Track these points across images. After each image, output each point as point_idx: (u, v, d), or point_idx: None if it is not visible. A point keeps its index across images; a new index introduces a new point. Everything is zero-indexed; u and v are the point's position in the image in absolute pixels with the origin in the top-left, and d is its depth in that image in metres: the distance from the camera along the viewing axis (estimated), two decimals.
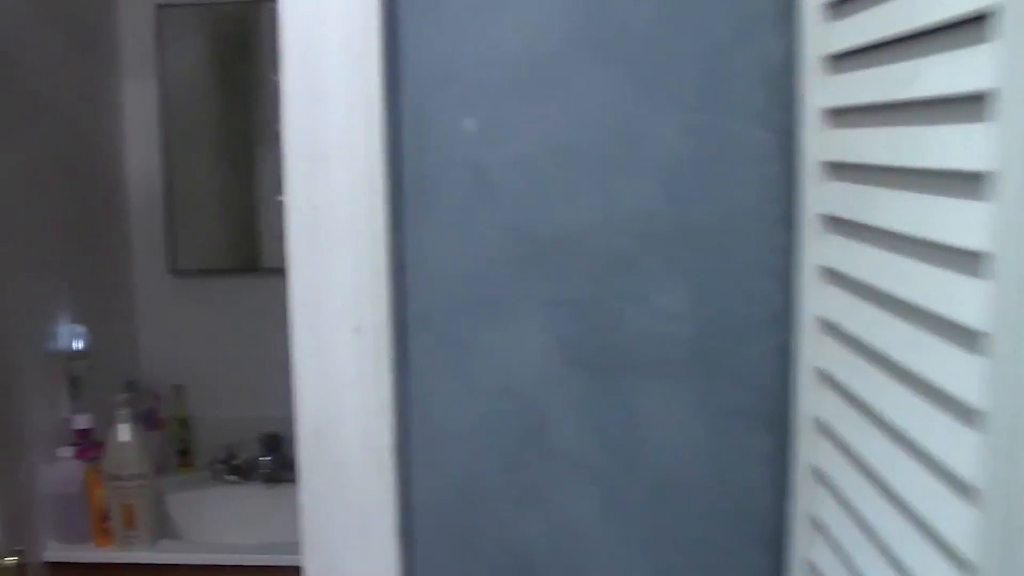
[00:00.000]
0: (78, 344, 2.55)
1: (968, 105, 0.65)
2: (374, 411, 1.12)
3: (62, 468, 2.42)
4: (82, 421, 2.48)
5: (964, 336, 0.67)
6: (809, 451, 1.03)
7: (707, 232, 1.09)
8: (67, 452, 2.43)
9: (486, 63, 1.10)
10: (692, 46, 1.07)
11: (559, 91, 1.10)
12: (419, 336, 1.15)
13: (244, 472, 2.78)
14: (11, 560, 1.89)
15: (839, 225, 0.95)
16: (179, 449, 2.86)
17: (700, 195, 1.09)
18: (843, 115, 0.92)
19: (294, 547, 1.19)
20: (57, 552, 2.41)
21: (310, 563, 1.18)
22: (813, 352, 1.02)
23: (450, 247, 1.13)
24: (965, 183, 0.66)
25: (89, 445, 2.45)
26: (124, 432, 2.39)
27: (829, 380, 0.97)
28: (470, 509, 1.18)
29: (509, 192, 1.12)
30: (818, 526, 1.00)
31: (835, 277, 0.96)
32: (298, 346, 1.15)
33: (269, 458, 2.74)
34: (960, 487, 0.67)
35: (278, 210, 2.75)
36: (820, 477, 1.00)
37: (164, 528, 2.51)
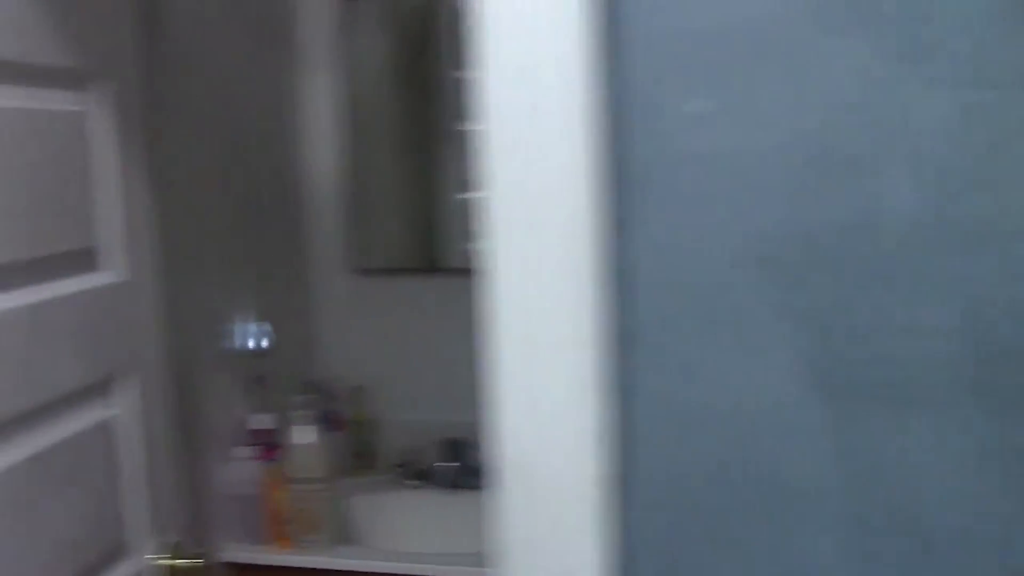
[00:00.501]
0: (260, 343, 2.50)
1: None
2: (585, 437, 0.98)
3: (240, 469, 2.38)
4: (261, 421, 2.43)
5: None
6: None
7: (983, 234, 0.91)
8: (245, 452, 2.39)
9: (722, 32, 0.94)
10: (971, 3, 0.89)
11: (808, 65, 0.93)
12: (636, 353, 1.00)
13: (425, 477, 2.69)
14: (196, 562, 1.85)
15: None
16: (358, 451, 2.79)
17: (975, 189, 0.91)
18: None
19: (477, 558, 1.07)
20: (235, 553, 2.36)
21: None
22: None
23: (675, 250, 0.97)
24: None
25: (268, 446, 2.40)
26: (304, 434, 2.32)
27: None
28: (694, 551, 1.02)
29: (746, 186, 0.96)
30: None
31: None
32: (500, 362, 1.01)
33: (454, 464, 2.64)
34: None
35: (458, 210, 2.68)
36: None
37: (342, 532, 2.44)
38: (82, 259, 1.72)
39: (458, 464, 2.65)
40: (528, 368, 0.99)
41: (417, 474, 2.70)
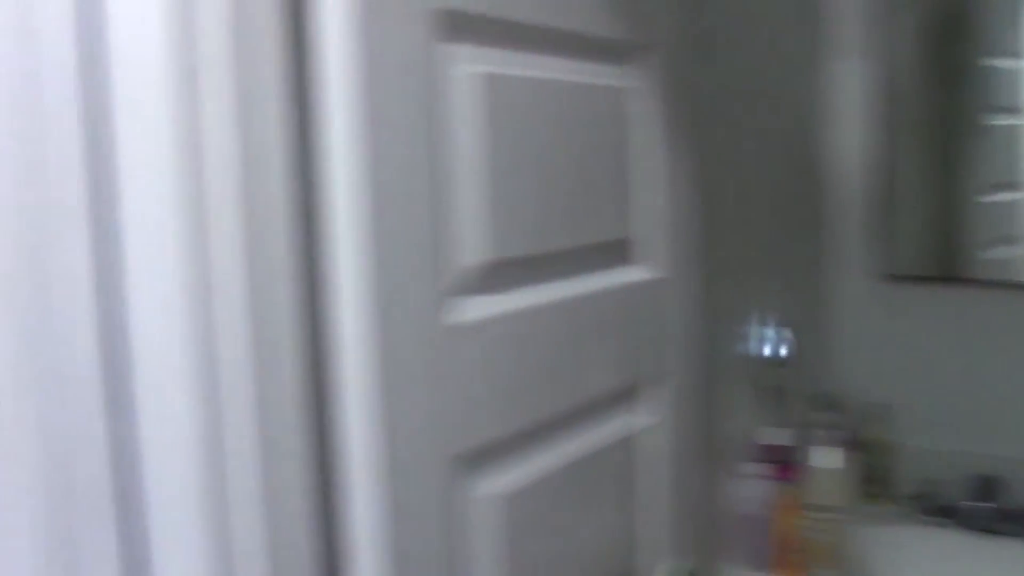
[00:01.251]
0: (778, 351, 2.28)
1: None
2: None
3: (749, 487, 2.17)
4: (776, 437, 2.21)
5: None
6: None
7: None
8: (755, 470, 2.18)
9: None
10: None
11: None
12: None
13: (949, 514, 2.36)
14: None
15: None
16: (870, 477, 2.50)
17: None
18: None
19: None
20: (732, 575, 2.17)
21: None
22: None
23: None
24: None
25: (782, 465, 2.18)
26: (828, 456, 2.09)
27: None
28: None
29: None
30: None
31: None
32: None
33: (988, 505, 2.30)
34: None
35: (985, 214, 2.34)
36: None
37: (853, 566, 2.18)
38: (615, 251, 1.59)
39: (994, 505, 2.31)
40: None
41: (940, 510, 2.38)
